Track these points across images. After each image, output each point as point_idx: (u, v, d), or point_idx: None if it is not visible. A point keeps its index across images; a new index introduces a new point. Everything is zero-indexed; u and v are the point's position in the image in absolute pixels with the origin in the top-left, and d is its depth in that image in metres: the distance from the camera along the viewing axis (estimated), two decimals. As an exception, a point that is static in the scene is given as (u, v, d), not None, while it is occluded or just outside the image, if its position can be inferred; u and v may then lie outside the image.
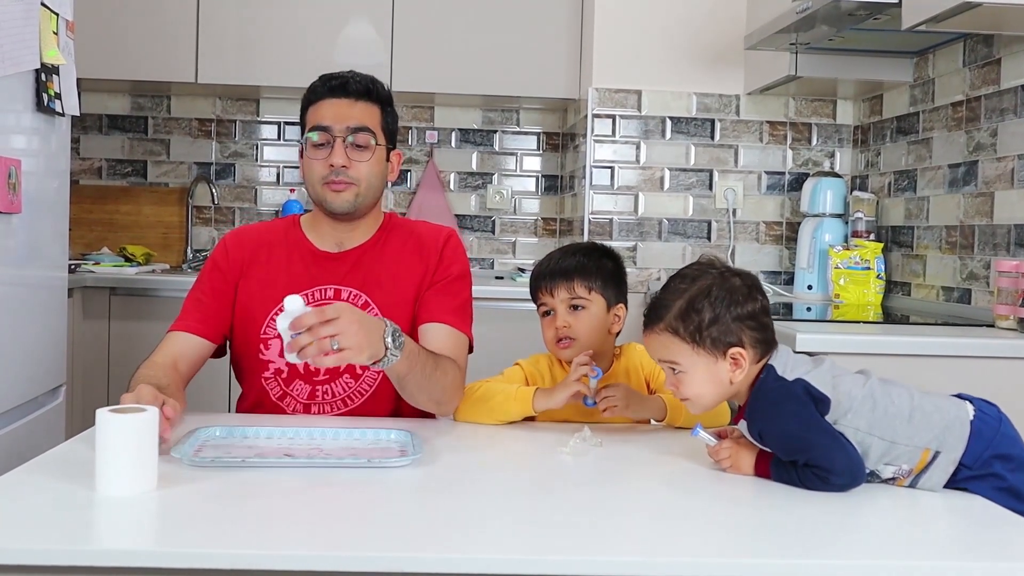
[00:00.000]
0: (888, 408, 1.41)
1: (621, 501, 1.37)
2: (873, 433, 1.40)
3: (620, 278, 1.93)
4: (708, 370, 1.45)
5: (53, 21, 2.46)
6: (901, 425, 1.40)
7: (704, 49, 3.59)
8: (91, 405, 1.73)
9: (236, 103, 4.12)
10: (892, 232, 3.32)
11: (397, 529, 1.19)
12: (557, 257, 1.92)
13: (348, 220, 1.92)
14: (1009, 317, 2.36)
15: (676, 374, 1.48)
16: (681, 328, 1.45)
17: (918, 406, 1.42)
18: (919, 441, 1.40)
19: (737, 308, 1.44)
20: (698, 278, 1.48)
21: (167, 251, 4.08)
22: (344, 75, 1.92)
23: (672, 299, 1.47)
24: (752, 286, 1.48)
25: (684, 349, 1.45)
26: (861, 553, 1.16)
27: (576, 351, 1.85)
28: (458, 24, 3.77)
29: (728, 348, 1.44)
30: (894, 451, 1.40)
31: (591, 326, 1.87)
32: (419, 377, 1.68)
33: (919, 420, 1.41)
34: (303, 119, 1.94)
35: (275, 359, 1.88)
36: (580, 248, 1.94)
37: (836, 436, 1.39)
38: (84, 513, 1.22)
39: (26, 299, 2.49)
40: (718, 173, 3.64)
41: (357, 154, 1.87)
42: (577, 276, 1.87)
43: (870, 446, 1.40)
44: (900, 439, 1.40)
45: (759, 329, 1.45)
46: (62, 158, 2.70)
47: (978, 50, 2.83)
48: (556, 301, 1.87)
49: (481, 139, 4.18)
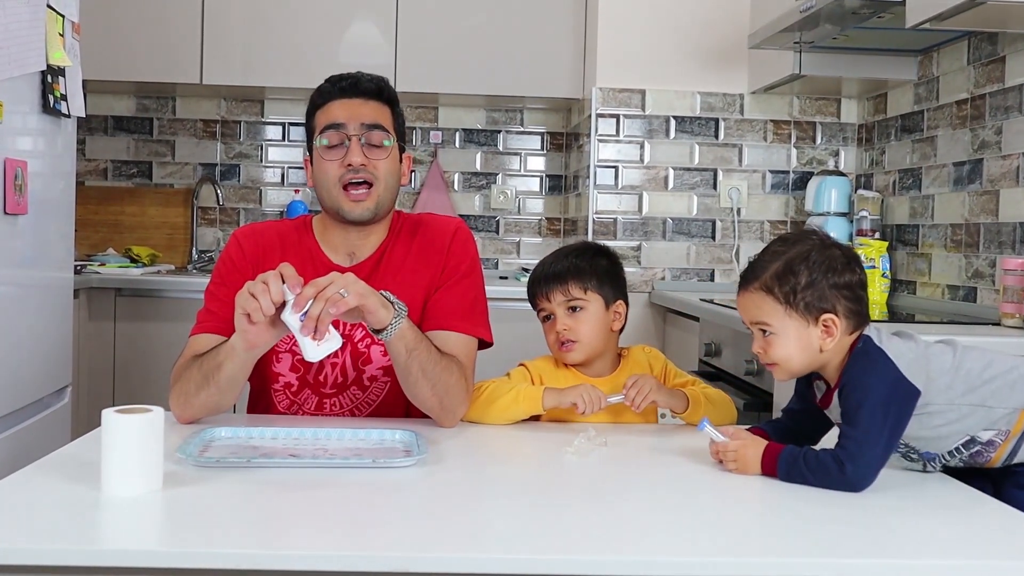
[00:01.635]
0: (982, 374, 1.42)
1: (626, 501, 1.37)
2: (970, 401, 1.41)
3: (616, 275, 1.92)
4: (799, 334, 1.44)
5: (59, 23, 2.47)
6: (993, 390, 1.42)
7: (708, 48, 3.59)
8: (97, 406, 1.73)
9: (241, 104, 4.13)
10: (897, 231, 3.31)
11: (402, 529, 1.19)
12: (550, 261, 1.91)
13: (363, 226, 1.85)
14: (1015, 315, 2.36)
15: (766, 336, 1.47)
16: (776, 288, 1.44)
17: (1007, 370, 1.44)
18: (1014, 402, 1.42)
19: (834, 276, 1.44)
20: (798, 242, 1.48)
21: (172, 252, 4.09)
22: (353, 75, 1.86)
23: (769, 260, 1.47)
24: (851, 258, 1.47)
25: (777, 310, 1.45)
26: (870, 552, 1.16)
27: (580, 353, 1.85)
28: (462, 24, 3.77)
29: (821, 314, 1.43)
30: (992, 415, 1.42)
31: (591, 326, 1.86)
32: (424, 359, 1.65)
33: (1011, 383, 1.43)
34: (310, 124, 1.87)
35: (285, 372, 1.85)
36: (573, 250, 1.94)
37: (887, 434, 1.38)
38: (90, 513, 1.22)
39: (32, 300, 2.49)
40: (722, 172, 3.64)
41: (374, 153, 1.81)
42: (571, 278, 1.86)
43: (969, 415, 1.41)
44: (995, 403, 1.41)
45: (854, 300, 1.45)
46: (68, 159, 2.70)
47: (982, 48, 2.82)
48: (554, 305, 1.87)
49: (485, 139, 4.18)
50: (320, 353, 1.52)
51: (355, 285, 1.54)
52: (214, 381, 1.64)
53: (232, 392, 1.69)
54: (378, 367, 1.84)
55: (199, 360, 1.68)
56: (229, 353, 1.63)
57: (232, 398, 1.71)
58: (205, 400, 1.67)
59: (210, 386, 1.65)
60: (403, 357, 1.64)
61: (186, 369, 1.70)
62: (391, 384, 1.83)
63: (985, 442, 1.44)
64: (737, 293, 1.53)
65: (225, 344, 1.64)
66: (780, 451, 1.42)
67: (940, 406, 1.41)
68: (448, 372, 1.70)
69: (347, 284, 1.53)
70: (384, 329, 1.59)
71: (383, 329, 1.59)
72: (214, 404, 1.69)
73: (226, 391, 1.67)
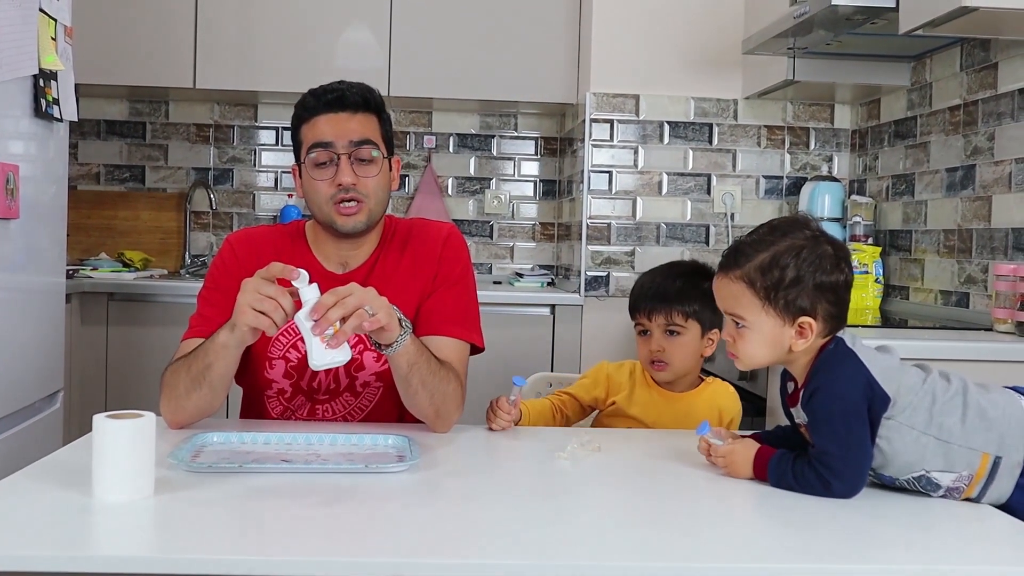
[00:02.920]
0: (945, 406, 1.33)
1: (619, 506, 1.37)
2: (929, 432, 1.33)
3: None
4: (772, 332, 1.39)
5: (51, 26, 2.46)
6: (956, 425, 1.33)
7: (702, 54, 3.60)
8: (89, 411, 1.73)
9: (234, 108, 4.12)
10: (890, 236, 3.32)
11: (394, 535, 1.19)
12: (659, 280, 1.94)
13: (355, 237, 1.85)
14: (1007, 320, 2.36)
15: (739, 328, 1.42)
16: (759, 282, 1.38)
17: (973, 403, 1.34)
18: (975, 443, 1.32)
19: (821, 276, 1.37)
20: (788, 234, 1.39)
21: (165, 256, 4.08)
22: (337, 87, 1.83)
23: (756, 250, 1.40)
24: (842, 257, 1.40)
25: (754, 304, 1.39)
26: (867, 557, 1.16)
27: (669, 375, 1.92)
28: (456, 29, 3.77)
29: (800, 315, 1.38)
30: (951, 454, 1.33)
31: (685, 352, 1.91)
32: (424, 371, 1.65)
33: (974, 419, 1.33)
34: (296, 137, 1.85)
35: (279, 379, 1.85)
36: (682, 270, 1.96)
37: (866, 440, 1.34)
38: (81, 519, 1.21)
39: (24, 305, 2.49)
40: (716, 177, 3.64)
41: (363, 169, 1.80)
42: (676, 303, 1.90)
43: (926, 446, 1.33)
44: (955, 440, 1.33)
45: (835, 303, 1.39)
46: (60, 163, 2.70)
47: (975, 54, 2.83)
48: (653, 325, 1.92)
49: (479, 144, 4.18)
50: (327, 363, 1.50)
51: (377, 301, 1.54)
52: (205, 381, 1.64)
53: (223, 391, 1.69)
54: (371, 373, 1.83)
55: (185, 362, 1.68)
56: (219, 351, 1.62)
57: (222, 397, 1.70)
58: (196, 401, 1.67)
59: (201, 387, 1.65)
60: (404, 370, 1.65)
61: (174, 374, 1.69)
62: (384, 389, 1.83)
63: (946, 487, 1.35)
64: (716, 274, 1.46)
65: (213, 343, 1.63)
66: (770, 456, 1.41)
67: (898, 425, 1.34)
68: (446, 381, 1.70)
69: (370, 300, 1.52)
70: (391, 345, 1.59)
71: (390, 344, 1.59)
72: (206, 404, 1.68)
73: (218, 390, 1.67)
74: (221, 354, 1.62)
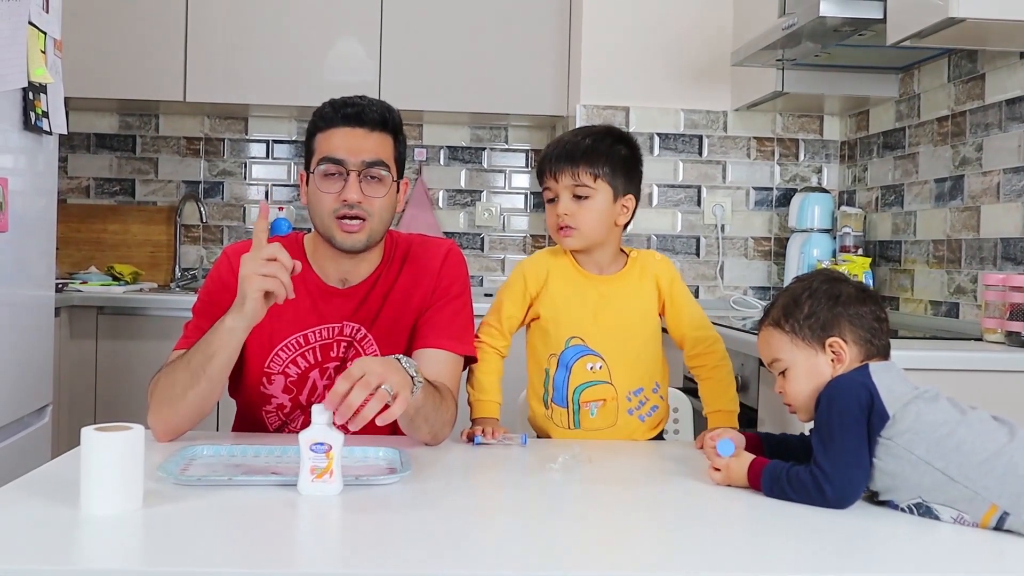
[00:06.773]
0: (961, 446, 1.30)
1: (610, 517, 1.36)
2: (930, 461, 1.30)
3: (633, 166, 1.86)
4: (808, 363, 1.45)
5: (41, 39, 2.46)
6: (967, 463, 1.29)
7: (691, 66, 3.61)
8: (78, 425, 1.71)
9: (224, 121, 4.12)
10: (880, 247, 3.33)
11: (385, 547, 1.18)
12: (566, 139, 1.83)
13: (355, 255, 1.83)
14: (997, 330, 2.36)
15: (783, 376, 1.48)
16: (783, 321, 1.47)
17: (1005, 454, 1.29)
18: (980, 486, 1.27)
19: (839, 306, 1.45)
20: (807, 278, 1.52)
21: (155, 270, 4.07)
22: (358, 102, 1.80)
23: (779, 298, 1.52)
24: (866, 294, 1.48)
25: (783, 341, 1.47)
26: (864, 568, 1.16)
27: (577, 241, 1.82)
28: (446, 42, 3.78)
29: (827, 338, 1.44)
30: (951, 489, 1.29)
31: (594, 217, 1.81)
32: (429, 410, 1.64)
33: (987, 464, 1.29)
34: (309, 144, 1.83)
35: (278, 394, 1.84)
36: (593, 131, 1.85)
37: (861, 449, 1.34)
38: (69, 532, 1.20)
39: (13, 318, 2.47)
40: (706, 189, 3.65)
41: (371, 188, 1.77)
42: (583, 162, 1.79)
43: (924, 473, 1.31)
44: (957, 476, 1.29)
45: (864, 328, 1.44)
46: (49, 177, 2.69)
47: (963, 65, 2.85)
48: (560, 187, 1.81)
49: (470, 156, 4.19)
50: (313, 491, 1.36)
51: (396, 377, 1.46)
52: (205, 375, 1.62)
53: (220, 386, 1.67)
54: None
55: (183, 359, 1.66)
56: (225, 337, 1.60)
57: (218, 395, 1.69)
58: (193, 399, 1.64)
59: (201, 382, 1.63)
60: (411, 415, 1.62)
61: (168, 375, 1.67)
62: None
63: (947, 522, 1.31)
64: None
65: (218, 331, 1.61)
66: (764, 466, 1.42)
67: (895, 447, 1.33)
68: (444, 410, 1.70)
69: (385, 376, 1.45)
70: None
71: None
72: (203, 401, 1.66)
73: (216, 385, 1.65)
74: (227, 340, 1.60)
